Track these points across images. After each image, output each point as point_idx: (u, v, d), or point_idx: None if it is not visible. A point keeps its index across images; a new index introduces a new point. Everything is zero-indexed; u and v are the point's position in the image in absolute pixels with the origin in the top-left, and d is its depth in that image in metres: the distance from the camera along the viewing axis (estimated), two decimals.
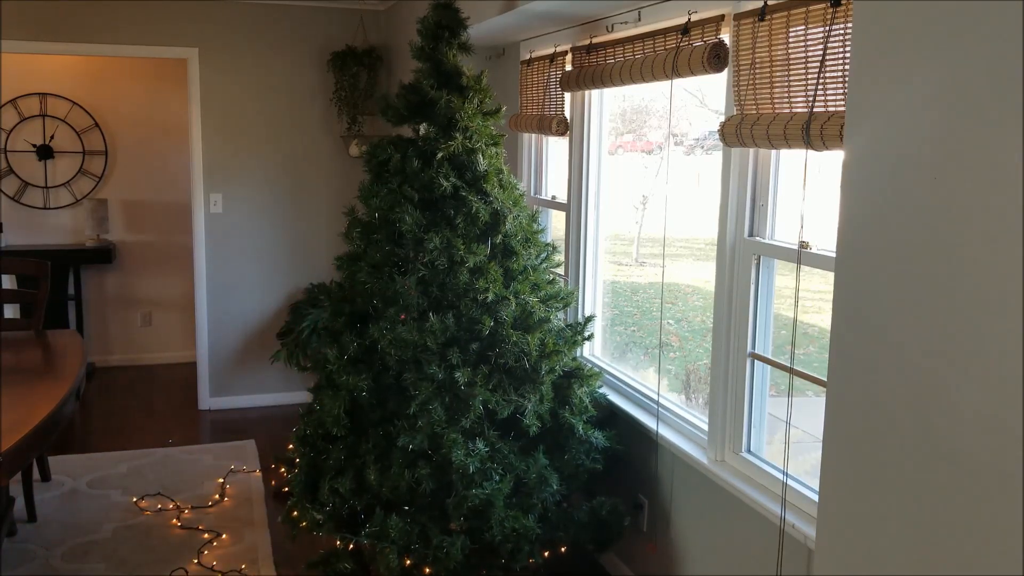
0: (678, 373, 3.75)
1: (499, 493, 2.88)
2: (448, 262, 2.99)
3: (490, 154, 3.18)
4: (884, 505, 1.39)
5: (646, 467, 3.26)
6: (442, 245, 2.98)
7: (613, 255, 4.21)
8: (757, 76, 2.42)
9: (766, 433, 2.80)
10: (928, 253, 1.28)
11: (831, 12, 2.11)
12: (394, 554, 2.87)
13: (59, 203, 6.41)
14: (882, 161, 1.37)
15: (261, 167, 5.62)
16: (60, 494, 4.24)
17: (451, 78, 3.16)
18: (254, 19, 5.48)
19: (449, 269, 3.00)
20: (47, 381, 3.45)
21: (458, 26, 3.17)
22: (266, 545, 3.78)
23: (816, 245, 2.38)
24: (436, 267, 2.98)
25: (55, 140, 6.35)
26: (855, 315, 1.44)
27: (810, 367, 2.51)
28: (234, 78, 5.49)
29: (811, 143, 2.14)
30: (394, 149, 3.16)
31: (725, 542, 2.80)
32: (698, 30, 2.73)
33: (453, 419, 2.93)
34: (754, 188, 2.69)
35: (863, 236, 1.42)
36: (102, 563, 3.58)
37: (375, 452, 3.02)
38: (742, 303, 2.74)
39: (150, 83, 6.50)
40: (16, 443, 2.77)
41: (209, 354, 5.70)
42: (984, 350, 1.20)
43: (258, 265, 5.71)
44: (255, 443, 5.04)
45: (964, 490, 1.24)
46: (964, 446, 1.24)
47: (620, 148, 4.21)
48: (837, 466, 1.50)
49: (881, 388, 1.38)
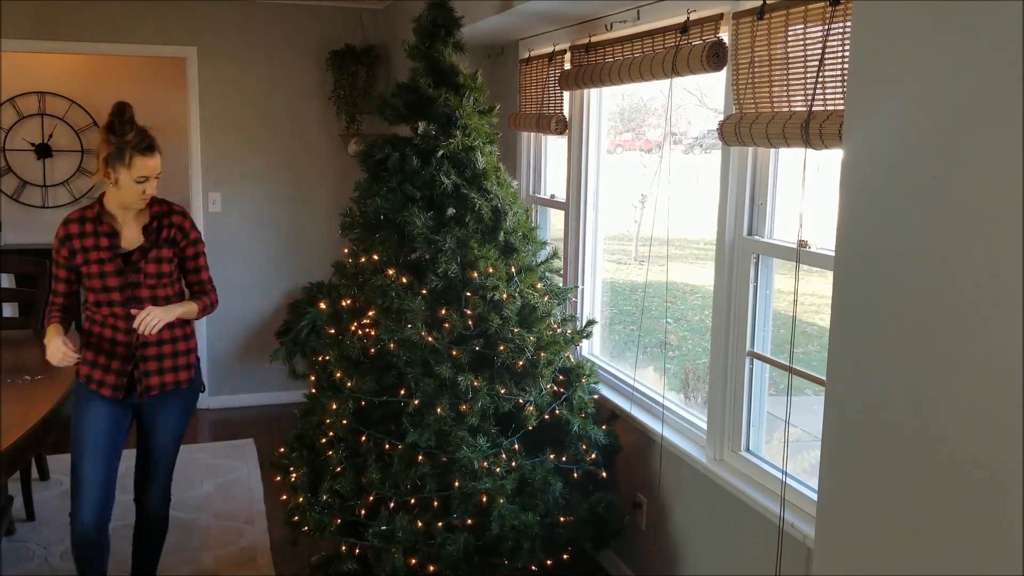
0: (677, 372, 3.75)
1: (502, 489, 2.88)
2: (460, 264, 3.00)
3: (487, 152, 3.19)
4: (883, 504, 1.39)
5: (645, 466, 3.26)
6: (455, 245, 2.99)
7: (612, 254, 4.21)
8: (756, 75, 2.41)
9: (765, 432, 2.80)
10: (927, 252, 1.28)
11: (830, 11, 2.11)
12: (400, 554, 2.87)
13: (58, 202, 6.40)
14: (881, 160, 1.37)
15: (260, 166, 5.61)
16: (59, 493, 4.24)
17: (447, 76, 3.16)
18: (253, 18, 5.47)
19: (461, 270, 3.01)
20: (46, 380, 3.44)
21: (453, 25, 3.18)
22: (266, 545, 3.78)
23: (815, 244, 2.38)
24: (450, 276, 2.99)
25: (54, 139, 6.34)
26: (854, 314, 1.44)
27: (809, 366, 2.51)
28: (233, 77, 5.48)
29: (810, 142, 2.14)
30: (392, 148, 3.15)
31: (724, 541, 2.80)
32: (697, 29, 2.73)
33: (460, 416, 2.93)
34: (753, 187, 2.69)
35: (862, 235, 1.42)
36: None
37: (376, 451, 3.02)
38: (741, 302, 2.74)
39: (149, 82, 6.49)
40: (15, 442, 2.77)
41: (208, 353, 5.69)
42: (984, 349, 1.20)
43: (257, 264, 5.71)
44: (254, 442, 5.03)
45: (963, 489, 1.24)
46: (963, 445, 1.24)
47: (619, 147, 4.22)
48: (836, 465, 1.50)
49: (880, 387, 1.38)
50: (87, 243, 2.81)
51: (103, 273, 2.81)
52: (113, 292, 2.82)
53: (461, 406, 2.94)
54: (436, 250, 3.01)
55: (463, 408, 2.94)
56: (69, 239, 2.81)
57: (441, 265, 2.99)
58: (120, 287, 2.82)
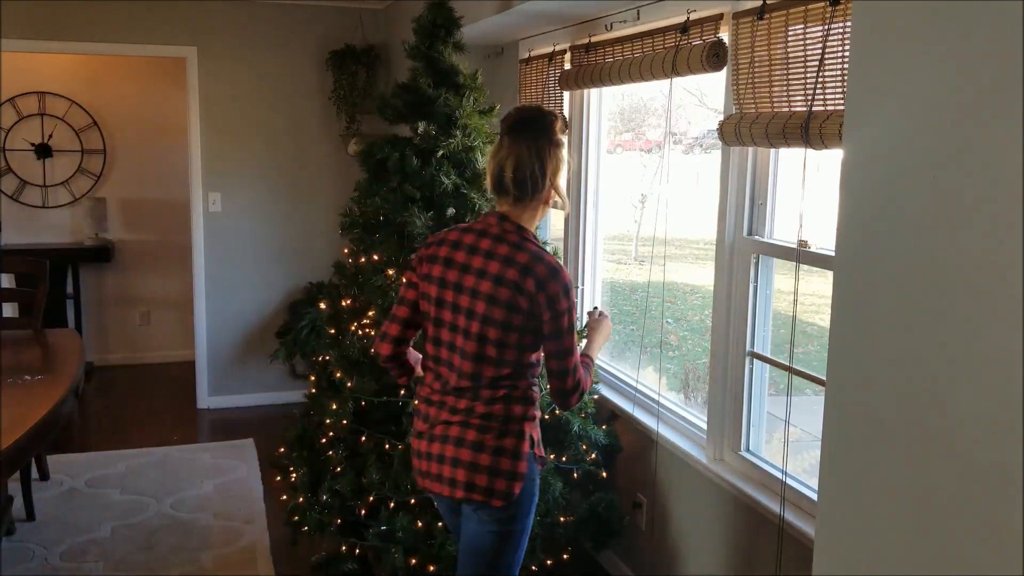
0: (677, 372, 3.75)
1: None
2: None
3: (487, 152, 3.18)
4: (883, 504, 1.39)
5: (645, 466, 3.26)
6: None
7: (612, 254, 4.21)
8: (756, 75, 2.41)
9: (765, 432, 2.80)
10: (927, 252, 1.28)
11: (830, 11, 2.11)
12: (400, 554, 2.87)
13: (57, 202, 6.40)
14: (881, 160, 1.37)
15: (260, 166, 5.61)
16: (59, 493, 4.24)
17: (447, 76, 3.16)
18: (252, 18, 5.47)
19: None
20: (46, 380, 3.44)
21: (453, 25, 3.18)
22: (265, 545, 3.78)
23: (815, 244, 2.38)
24: None
25: (53, 139, 6.34)
26: (854, 314, 1.44)
27: (809, 366, 2.51)
28: (233, 77, 5.48)
29: (810, 142, 2.14)
30: (392, 148, 3.16)
31: (724, 541, 2.80)
32: (697, 29, 2.73)
33: None
34: (753, 187, 2.69)
35: (862, 235, 1.42)
36: (100, 562, 3.58)
37: (376, 451, 3.02)
38: (741, 302, 2.74)
39: (148, 82, 6.49)
40: (15, 442, 2.77)
41: (208, 353, 5.69)
42: (984, 349, 1.20)
43: (257, 264, 5.70)
44: (254, 442, 5.03)
45: (964, 489, 1.24)
46: (963, 444, 1.24)
47: (619, 147, 4.22)
48: (836, 465, 1.50)
49: (880, 386, 1.38)
50: None
51: None
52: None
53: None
54: None
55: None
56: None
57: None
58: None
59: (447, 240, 2.21)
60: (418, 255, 2.24)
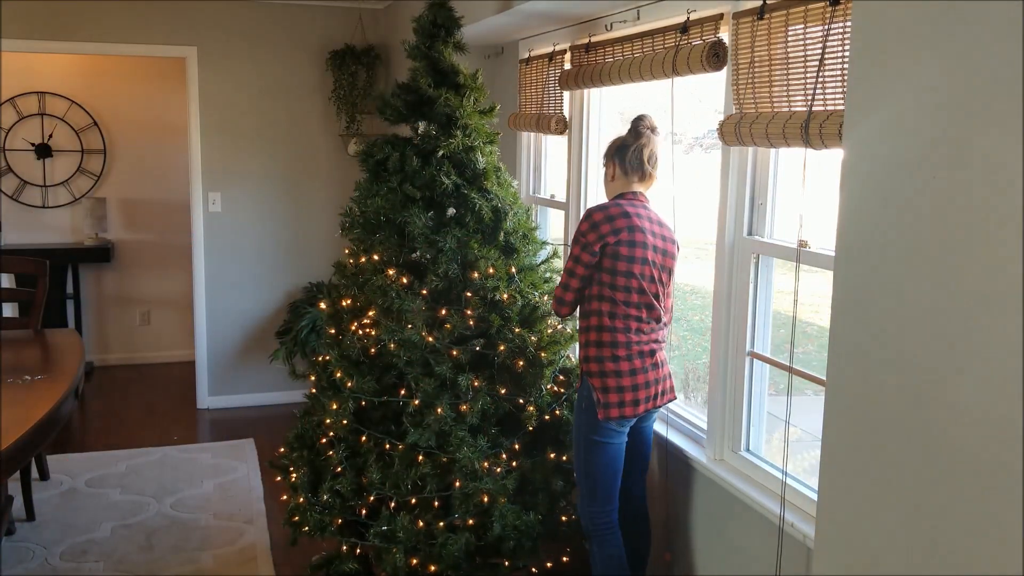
0: (677, 372, 3.75)
1: (504, 489, 2.89)
2: (461, 264, 3.00)
3: (487, 152, 3.19)
4: (883, 504, 1.39)
5: None
6: (455, 246, 3.00)
7: None
8: (756, 75, 2.42)
9: (765, 432, 2.80)
10: (927, 251, 1.28)
11: (830, 11, 2.11)
12: (401, 554, 2.87)
13: (57, 202, 6.40)
14: (881, 160, 1.37)
15: (260, 166, 5.61)
16: (59, 493, 4.24)
17: (448, 76, 3.16)
18: (252, 18, 5.47)
19: (461, 270, 3.01)
20: (46, 380, 3.44)
21: (453, 25, 3.18)
22: (265, 545, 3.78)
23: (815, 244, 2.38)
24: (450, 276, 2.99)
25: (53, 139, 6.34)
26: (854, 314, 1.44)
27: (809, 366, 2.51)
28: (233, 77, 5.48)
29: (810, 142, 2.14)
30: (392, 148, 3.16)
31: (724, 541, 2.80)
32: (697, 29, 2.73)
33: (460, 416, 2.94)
34: (753, 187, 2.69)
35: (862, 235, 1.42)
36: (100, 562, 3.58)
37: (376, 451, 3.02)
38: (741, 302, 2.74)
39: (149, 82, 6.49)
40: (15, 442, 2.77)
41: (208, 353, 5.70)
42: (983, 348, 1.20)
43: (257, 264, 5.71)
44: (254, 442, 5.03)
45: (963, 489, 1.24)
46: (963, 444, 1.24)
47: None
48: (836, 465, 1.50)
49: (880, 386, 1.38)
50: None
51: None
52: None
53: (461, 406, 2.94)
54: (436, 250, 3.02)
55: (463, 408, 2.94)
56: None
57: (441, 265, 2.99)
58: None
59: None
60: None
